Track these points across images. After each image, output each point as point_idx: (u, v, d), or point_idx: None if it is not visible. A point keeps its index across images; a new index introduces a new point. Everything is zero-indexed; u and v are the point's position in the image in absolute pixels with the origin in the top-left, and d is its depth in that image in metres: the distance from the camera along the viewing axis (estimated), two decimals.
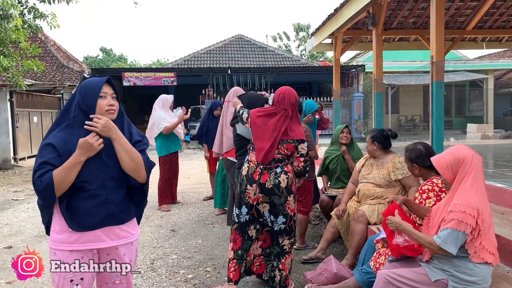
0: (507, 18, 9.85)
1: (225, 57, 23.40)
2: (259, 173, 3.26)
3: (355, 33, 9.66)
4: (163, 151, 6.47)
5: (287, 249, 3.33)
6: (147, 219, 5.93)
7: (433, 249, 2.29)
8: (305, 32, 38.49)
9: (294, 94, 3.37)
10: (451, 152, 2.45)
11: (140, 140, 2.13)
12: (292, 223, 3.32)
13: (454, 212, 2.24)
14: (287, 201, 3.24)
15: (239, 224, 3.37)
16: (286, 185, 3.23)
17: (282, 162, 3.27)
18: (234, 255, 3.36)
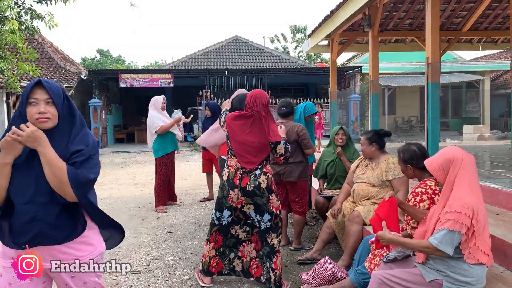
0: (503, 20, 9.91)
1: (222, 58, 23.41)
2: (239, 178, 3.37)
3: (352, 35, 9.70)
4: (159, 152, 6.47)
5: (277, 247, 3.41)
6: (144, 221, 5.93)
7: (430, 252, 2.30)
8: (302, 34, 38.54)
9: (266, 96, 3.46)
10: (442, 153, 2.49)
11: (79, 150, 1.86)
12: (277, 220, 3.42)
13: (449, 213, 2.25)
14: (270, 200, 3.36)
15: (220, 226, 3.50)
16: (266, 185, 3.35)
17: (261, 164, 3.38)
18: (216, 252, 3.54)
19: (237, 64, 22.42)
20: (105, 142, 18.79)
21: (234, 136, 3.43)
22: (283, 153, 3.40)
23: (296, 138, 4.38)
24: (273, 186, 3.41)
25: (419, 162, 2.98)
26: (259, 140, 3.35)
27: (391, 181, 3.95)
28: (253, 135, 3.36)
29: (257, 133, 3.36)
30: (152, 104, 6.53)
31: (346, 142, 4.89)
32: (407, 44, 10.98)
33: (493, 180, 4.50)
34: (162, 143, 6.45)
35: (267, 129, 3.36)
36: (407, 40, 10.80)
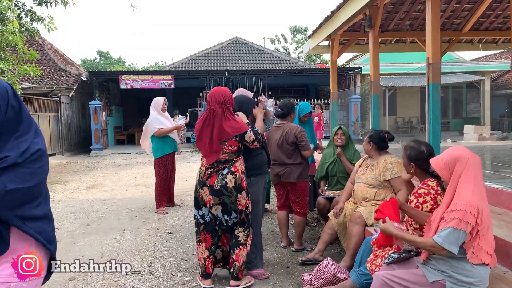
0: (503, 20, 9.89)
1: (223, 59, 23.41)
2: (207, 176, 3.44)
3: (352, 35, 9.69)
4: (158, 152, 6.47)
5: (242, 241, 3.48)
6: (145, 222, 5.92)
7: (436, 251, 2.29)
8: (303, 35, 38.57)
9: (222, 93, 3.48)
10: (448, 152, 2.49)
11: (4, 157, 1.67)
12: (244, 216, 3.48)
13: (454, 211, 2.24)
14: (238, 199, 3.40)
15: (205, 224, 3.59)
16: (234, 185, 3.38)
17: (229, 162, 3.42)
18: (210, 252, 3.60)
19: (237, 65, 22.42)
20: (106, 144, 18.78)
21: (197, 134, 3.59)
22: (255, 138, 3.47)
23: (294, 140, 4.37)
24: (244, 184, 3.43)
25: (423, 163, 2.96)
26: (209, 138, 3.43)
27: (390, 181, 3.94)
28: (206, 134, 3.46)
29: (208, 132, 3.45)
30: (153, 105, 6.54)
31: (346, 142, 4.89)
32: (407, 44, 10.96)
33: (495, 180, 4.49)
34: (161, 144, 6.45)
35: (223, 126, 3.40)
36: (407, 40, 10.79)
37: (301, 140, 4.37)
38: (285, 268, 4.04)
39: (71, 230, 5.56)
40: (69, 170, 12.53)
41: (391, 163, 3.97)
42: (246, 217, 3.51)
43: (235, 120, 3.48)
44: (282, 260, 4.29)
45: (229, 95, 3.51)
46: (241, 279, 3.54)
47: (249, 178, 3.82)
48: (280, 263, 4.19)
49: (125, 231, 5.49)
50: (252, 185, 3.83)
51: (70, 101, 18.00)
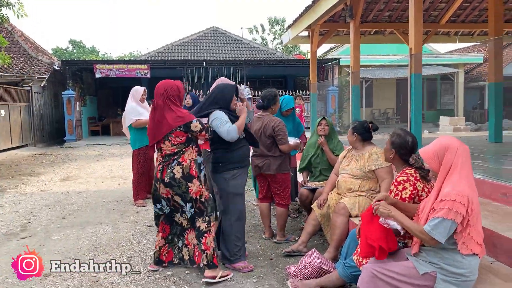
0: (479, 13, 10.04)
1: (200, 49, 23.08)
2: (160, 170, 3.51)
3: (332, 26, 9.65)
4: (137, 144, 6.29)
5: (204, 228, 3.50)
6: (123, 215, 5.76)
7: (424, 239, 2.25)
8: (280, 26, 38.46)
9: (164, 85, 3.52)
10: (436, 141, 2.46)
11: None
12: (199, 204, 3.49)
13: (444, 201, 2.22)
14: (189, 187, 3.43)
15: (164, 215, 3.66)
16: (182, 175, 3.42)
17: (178, 154, 3.46)
18: (165, 241, 3.71)
19: (214, 55, 22.15)
20: (80, 135, 18.30)
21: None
22: (201, 128, 3.45)
23: (271, 133, 4.29)
24: (193, 172, 3.45)
25: (404, 153, 2.94)
26: (153, 130, 3.51)
27: (375, 171, 3.92)
28: (152, 125, 3.55)
29: (151, 125, 3.54)
30: (132, 94, 6.33)
31: (329, 133, 4.83)
32: (386, 36, 11.01)
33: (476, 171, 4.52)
34: (140, 135, 6.27)
35: (165, 118, 3.44)
36: (386, 32, 10.83)
37: (278, 133, 4.28)
38: (268, 260, 3.98)
39: (46, 224, 5.35)
40: (42, 162, 12.14)
41: (376, 153, 3.95)
42: (202, 205, 3.50)
43: (180, 111, 3.48)
44: (266, 252, 4.23)
45: (172, 88, 3.54)
46: (217, 267, 3.49)
47: (232, 171, 3.76)
48: (263, 255, 4.12)
49: (102, 224, 5.33)
50: (235, 177, 3.76)
51: (42, 91, 17.41)
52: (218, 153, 3.82)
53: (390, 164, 3.94)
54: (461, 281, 2.26)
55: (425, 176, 2.85)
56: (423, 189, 2.77)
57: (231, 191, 3.77)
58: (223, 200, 3.87)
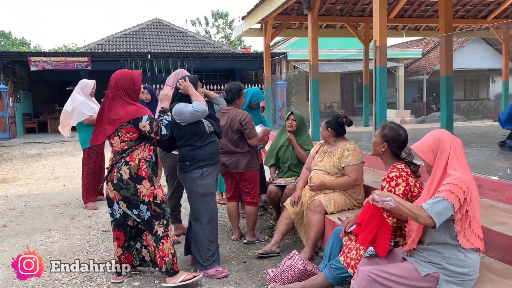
0: (425, 8, 10.34)
1: (143, 41, 22.22)
2: (109, 170, 3.20)
3: (285, 19, 9.54)
4: (87, 142, 5.80)
5: (161, 233, 3.21)
6: (73, 220, 5.30)
7: (420, 216, 2.10)
8: (224, 19, 38.04)
9: (116, 76, 3.24)
10: (429, 135, 2.38)
11: None
12: (154, 207, 3.18)
13: (445, 184, 2.14)
14: (138, 190, 3.12)
15: (115, 221, 3.31)
16: (130, 175, 3.11)
17: (126, 152, 3.14)
18: (123, 250, 3.37)
19: (159, 48, 21.42)
20: (14, 133, 16.98)
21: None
22: (150, 130, 3.12)
23: (239, 127, 4.06)
24: (142, 173, 3.13)
25: (396, 146, 2.83)
26: (100, 124, 3.25)
27: (344, 167, 3.83)
28: (99, 118, 3.28)
29: (98, 119, 3.28)
30: (80, 87, 5.81)
31: (298, 127, 4.67)
32: (337, 30, 11.07)
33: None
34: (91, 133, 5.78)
35: (112, 111, 3.17)
36: (337, 25, 10.89)
37: (246, 127, 4.06)
38: (242, 264, 3.76)
39: None
40: None
41: (348, 150, 3.85)
42: (158, 207, 3.20)
43: (132, 105, 3.18)
44: (237, 254, 4.01)
45: (124, 79, 3.22)
46: (178, 273, 3.24)
47: (201, 169, 3.47)
48: (236, 258, 3.90)
49: (51, 231, 4.85)
50: (203, 176, 3.48)
51: None
52: (184, 151, 3.52)
53: (360, 162, 3.87)
54: (464, 280, 2.18)
55: (415, 171, 2.75)
56: (414, 185, 2.68)
57: (201, 191, 3.49)
58: (192, 201, 3.59)
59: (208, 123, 3.53)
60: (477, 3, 10.21)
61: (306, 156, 4.48)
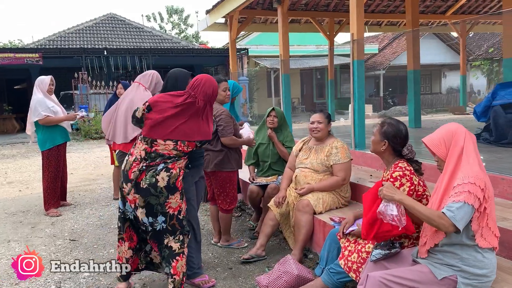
0: (387, 3, 10.44)
1: (98, 37, 21.32)
2: (138, 171, 2.76)
3: (250, 13, 9.32)
4: (47, 144, 5.35)
5: (177, 250, 2.85)
6: (34, 229, 4.87)
7: (442, 224, 1.98)
8: (179, 15, 37.33)
9: (212, 84, 2.91)
10: (442, 128, 2.26)
11: None
12: (174, 221, 2.83)
13: (462, 185, 2.00)
14: (167, 201, 2.78)
15: (128, 221, 2.96)
16: (167, 184, 2.75)
17: (171, 159, 2.79)
18: (133, 252, 3.02)
19: (114, 44, 20.62)
20: None
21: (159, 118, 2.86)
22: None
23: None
24: (178, 184, 2.81)
25: (398, 143, 2.69)
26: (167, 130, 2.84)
27: (332, 166, 3.70)
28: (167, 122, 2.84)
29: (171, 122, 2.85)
30: (37, 85, 5.36)
31: (279, 124, 4.47)
32: (301, 25, 10.98)
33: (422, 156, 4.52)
34: (50, 133, 5.35)
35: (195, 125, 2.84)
36: (301, 20, 10.79)
37: (219, 124, 3.75)
38: (228, 270, 3.54)
39: None
40: None
41: (336, 147, 3.73)
42: (178, 223, 2.85)
43: (209, 121, 2.88)
44: (221, 260, 3.78)
45: (215, 89, 2.92)
46: None
47: None
48: (220, 265, 3.67)
49: (10, 242, 4.42)
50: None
51: None
52: None
53: (349, 160, 3.75)
54: (483, 282, 2.07)
55: (418, 169, 2.63)
56: (418, 183, 2.55)
57: None
58: None
59: None
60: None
61: (288, 153, 4.30)
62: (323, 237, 3.52)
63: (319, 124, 3.77)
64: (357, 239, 2.77)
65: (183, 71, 3.21)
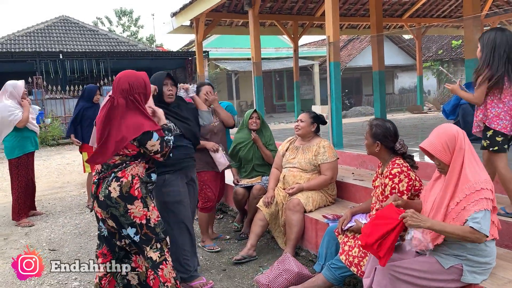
0: (348, 7, 10.76)
1: (51, 40, 20.50)
2: (95, 183, 2.69)
3: (217, 16, 9.33)
4: (15, 151, 5.12)
5: (157, 259, 2.75)
6: (7, 240, 4.66)
7: (478, 239, 2.09)
8: (128, 17, 36.59)
9: (126, 78, 2.66)
10: (441, 132, 2.29)
11: None
12: (145, 230, 2.69)
13: (479, 191, 2.10)
14: (129, 211, 2.64)
15: (104, 238, 2.82)
16: (121, 194, 2.61)
17: (118, 167, 2.65)
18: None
19: (68, 47, 19.89)
20: None
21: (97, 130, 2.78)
22: (160, 150, 2.67)
23: None
24: (134, 192, 2.64)
25: (389, 141, 2.82)
26: (102, 136, 2.68)
27: (320, 165, 3.80)
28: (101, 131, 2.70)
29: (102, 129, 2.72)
30: (8, 91, 5.06)
31: (260, 126, 4.53)
32: (266, 28, 11.09)
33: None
34: (19, 140, 5.11)
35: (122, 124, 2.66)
36: (266, 23, 10.91)
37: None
38: (222, 272, 3.55)
39: None
40: None
41: (323, 147, 3.83)
42: (151, 232, 2.70)
43: (145, 116, 2.67)
44: (213, 262, 3.78)
45: (137, 81, 2.66)
46: None
47: (164, 176, 3.17)
48: (213, 267, 3.67)
49: None
50: (167, 184, 3.19)
51: None
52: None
53: (336, 159, 3.86)
54: (485, 269, 2.22)
55: (413, 164, 2.77)
56: (415, 179, 2.68)
57: (166, 200, 3.21)
58: (160, 211, 3.30)
59: (172, 126, 3.24)
60: (394, 2, 10.87)
61: (272, 156, 4.36)
62: (315, 235, 3.61)
63: (301, 123, 3.88)
64: (355, 235, 2.87)
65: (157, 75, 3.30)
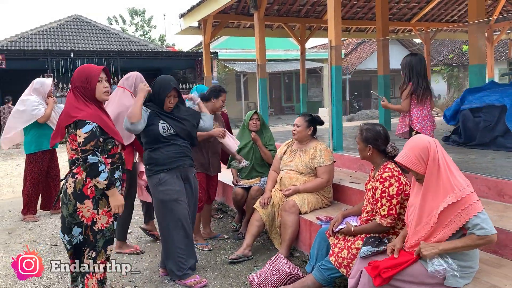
0: (356, 10, 10.78)
1: (63, 39, 20.79)
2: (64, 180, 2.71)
3: (224, 18, 9.41)
4: (32, 147, 5.23)
5: (87, 267, 2.68)
6: (12, 234, 4.78)
7: (489, 242, 2.18)
8: (141, 17, 36.86)
9: (76, 71, 2.73)
10: (413, 145, 2.35)
11: None
12: (88, 232, 2.64)
13: (467, 197, 2.16)
14: (78, 210, 2.59)
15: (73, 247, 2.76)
16: (74, 190, 2.58)
17: (75, 163, 2.60)
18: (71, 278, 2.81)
19: (80, 46, 20.18)
20: None
21: None
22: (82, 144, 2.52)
23: None
24: (87, 190, 2.59)
25: (381, 144, 2.87)
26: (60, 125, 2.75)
27: (316, 168, 3.85)
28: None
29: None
30: (35, 88, 5.17)
31: (261, 127, 4.60)
32: (273, 30, 11.15)
33: None
34: (39, 137, 5.20)
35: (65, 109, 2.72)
36: (274, 26, 10.97)
37: None
38: (217, 271, 3.62)
39: None
40: None
41: (320, 150, 3.88)
42: (92, 234, 2.64)
43: (78, 106, 2.61)
44: (209, 261, 3.85)
45: (79, 74, 2.67)
46: None
47: (158, 175, 3.27)
48: (208, 265, 3.74)
49: None
50: (161, 183, 3.27)
51: None
52: (146, 154, 3.39)
53: (332, 162, 3.91)
54: (468, 273, 2.26)
55: (404, 168, 2.81)
56: (406, 183, 2.73)
57: (161, 198, 3.29)
58: (156, 208, 3.40)
59: (166, 126, 3.33)
60: (402, 6, 10.85)
61: (271, 156, 4.44)
62: (309, 236, 3.66)
63: (297, 127, 3.95)
64: (346, 236, 2.91)
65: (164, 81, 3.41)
